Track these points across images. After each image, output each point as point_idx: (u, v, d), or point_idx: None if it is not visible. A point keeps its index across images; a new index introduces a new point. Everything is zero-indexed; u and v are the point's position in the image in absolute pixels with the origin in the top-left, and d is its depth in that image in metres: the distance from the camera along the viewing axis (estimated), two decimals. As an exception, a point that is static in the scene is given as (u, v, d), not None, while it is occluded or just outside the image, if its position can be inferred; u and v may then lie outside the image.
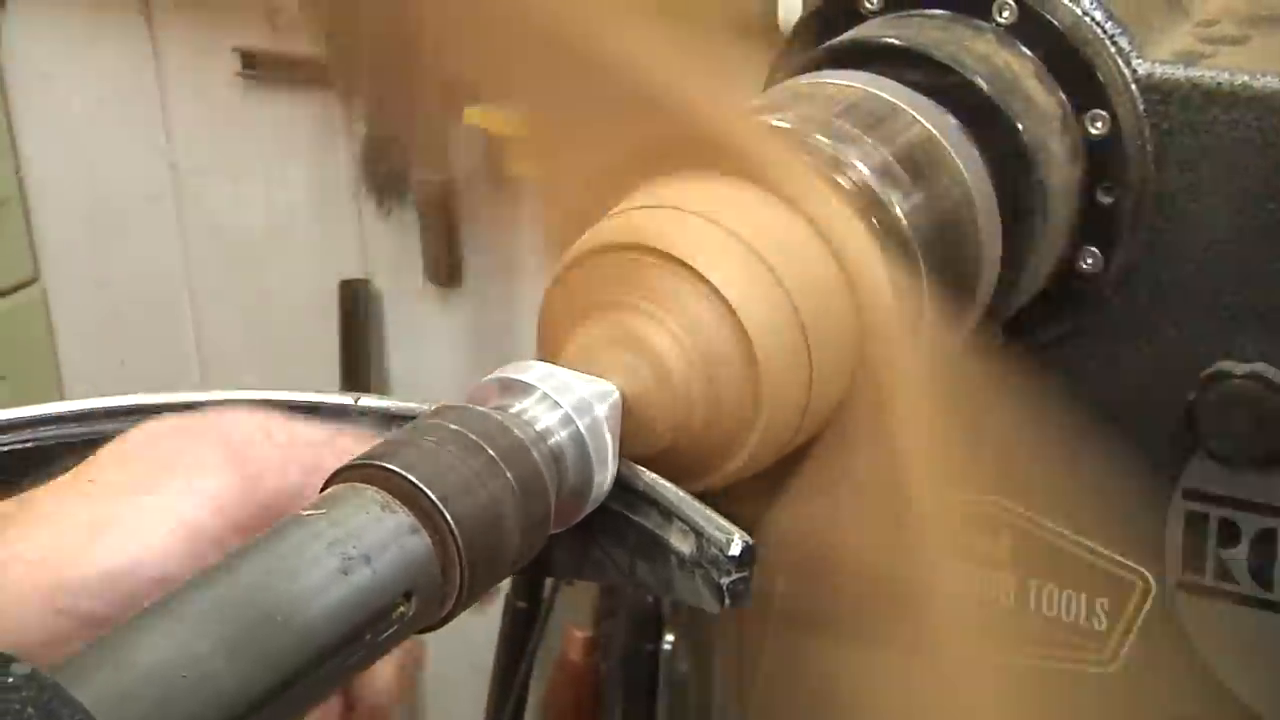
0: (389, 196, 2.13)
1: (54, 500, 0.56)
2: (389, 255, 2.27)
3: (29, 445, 0.65)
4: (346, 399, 0.66)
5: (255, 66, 2.25)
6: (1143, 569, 0.85)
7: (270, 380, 0.66)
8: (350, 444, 0.58)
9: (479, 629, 2.14)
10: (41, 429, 0.65)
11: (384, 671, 0.63)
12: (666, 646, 1.95)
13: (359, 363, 2.26)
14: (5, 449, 0.64)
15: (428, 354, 2.29)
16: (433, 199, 2.13)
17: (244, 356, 2.41)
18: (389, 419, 0.65)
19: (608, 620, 2.01)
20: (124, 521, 0.54)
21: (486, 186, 2.13)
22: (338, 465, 0.57)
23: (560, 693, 2.10)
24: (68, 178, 2.48)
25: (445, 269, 2.19)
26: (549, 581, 1.95)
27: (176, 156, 2.39)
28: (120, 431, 0.60)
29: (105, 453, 0.59)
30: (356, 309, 2.27)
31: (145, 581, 0.54)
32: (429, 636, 0.55)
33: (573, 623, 2.08)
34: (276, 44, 2.22)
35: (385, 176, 2.11)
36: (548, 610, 2.11)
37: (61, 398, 0.66)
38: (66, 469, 0.58)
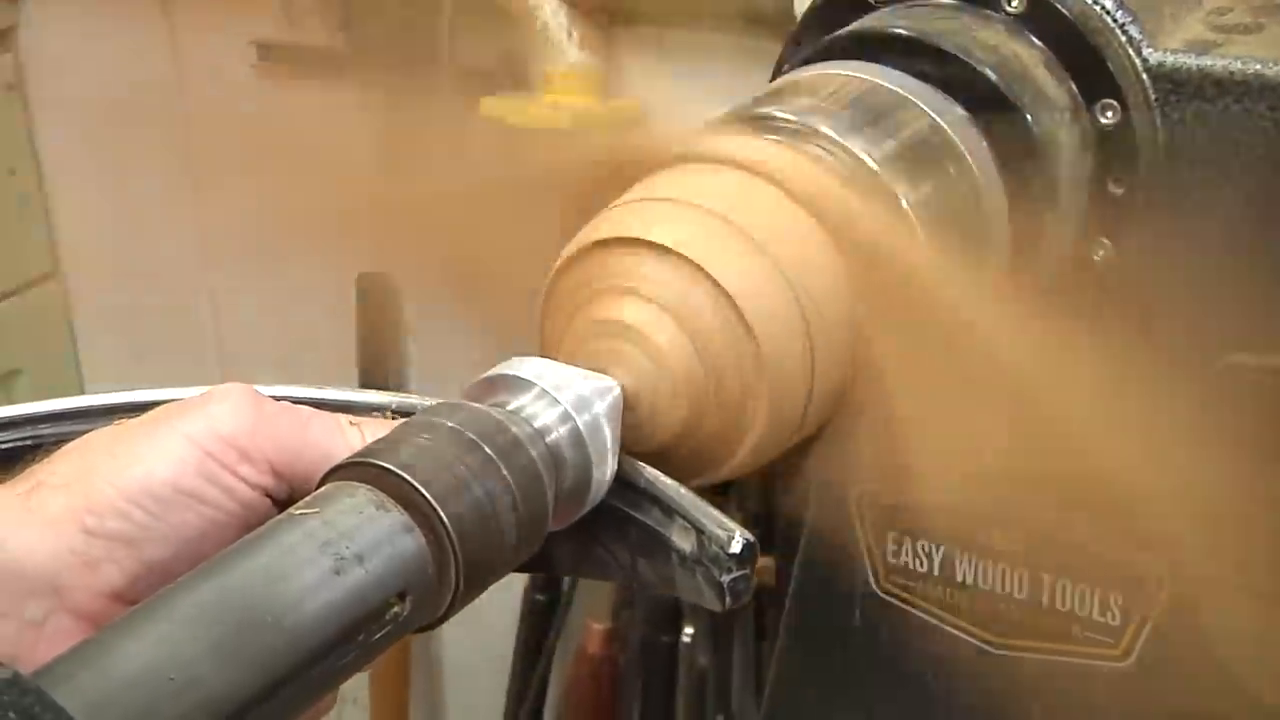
0: (406, 188, 2.12)
1: (85, 438, 0.58)
2: (407, 248, 2.26)
3: (51, 440, 0.64)
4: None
5: (271, 58, 2.25)
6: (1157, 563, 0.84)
7: (289, 374, 0.66)
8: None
9: (499, 622, 2.14)
10: (63, 423, 0.64)
11: None
12: (685, 639, 1.94)
13: (377, 356, 2.26)
14: (23, 443, 0.64)
15: (447, 347, 2.28)
16: (450, 191, 2.12)
17: (263, 349, 2.41)
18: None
19: (626, 612, 2.01)
20: (137, 443, 0.56)
21: (504, 178, 2.13)
22: (359, 436, 0.57)
23: (579, 685, 2.10)
24: (86, 171, 2.49)
25: (462, 261, 2.18)
26: (566, 573, 1.94)
27: (194, 149, 2.39)
28: None
29: None
30: (374, 302, 2.27)
31: (164, 498, 0.55)
32: (449, 628, 0.55)
33: (591, 615, 2.07)
34: (293, 36, 2.22)
35: (402, 168, 2.10)
36: (567, 602, 2.11)
37: (81, 392, 0.67)
38: None
